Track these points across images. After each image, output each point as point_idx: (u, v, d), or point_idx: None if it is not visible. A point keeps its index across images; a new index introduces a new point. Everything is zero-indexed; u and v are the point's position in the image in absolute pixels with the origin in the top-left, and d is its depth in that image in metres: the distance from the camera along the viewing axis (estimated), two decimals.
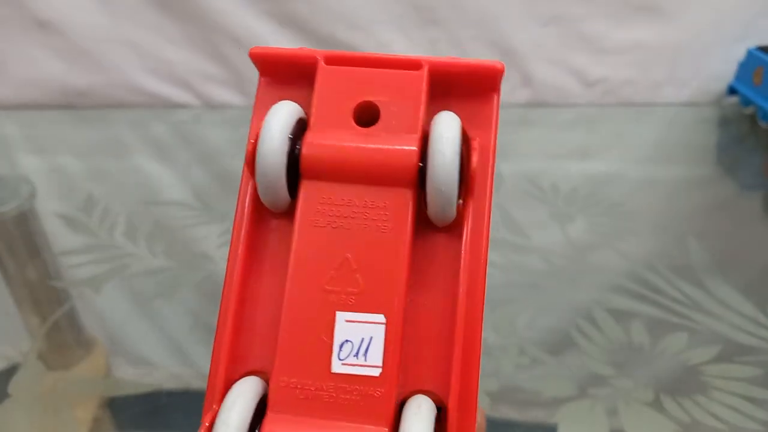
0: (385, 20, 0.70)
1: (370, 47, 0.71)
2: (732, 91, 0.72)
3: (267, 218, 0.18)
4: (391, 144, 0.17)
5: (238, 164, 0.18)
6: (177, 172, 0.63)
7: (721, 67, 0.72)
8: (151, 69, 0.72)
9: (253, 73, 0.19)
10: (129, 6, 0.68)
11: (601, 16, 0.71)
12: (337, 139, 0.17)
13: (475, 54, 0.72)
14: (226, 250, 0.18)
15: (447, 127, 0.16)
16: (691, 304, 0.40)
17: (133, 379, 0.37)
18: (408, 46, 0.72)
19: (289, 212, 0.17)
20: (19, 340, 0.40)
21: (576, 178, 0.59)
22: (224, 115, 0.73)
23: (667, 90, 0.74)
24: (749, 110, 0.70)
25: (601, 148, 0.69)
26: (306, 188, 0.17)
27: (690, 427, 0.32)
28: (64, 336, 0.41)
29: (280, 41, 0.69)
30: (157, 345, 0.40)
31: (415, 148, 0.17)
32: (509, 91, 0.74)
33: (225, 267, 0.18)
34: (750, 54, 0.69)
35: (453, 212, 0.17)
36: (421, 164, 0.17)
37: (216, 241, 0.48)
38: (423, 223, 0.17)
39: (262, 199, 0.17)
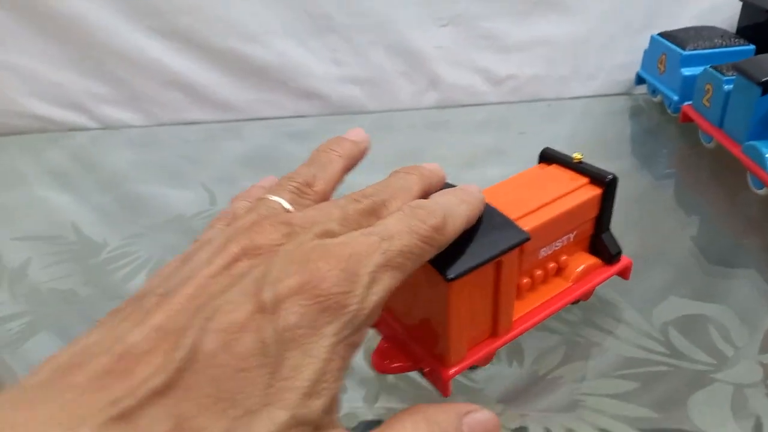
0: (279, 30, 0.68)
1: (271, 58, 0.70)
2: (640, 80, 0.70)
3: None
4: None
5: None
6: (80, 198, 0.60)
7: (628, 56, 0.71)
8: (39, 93, 0.69)
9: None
10: (6, 30, 0.66)
11: (501, 14, 0.70)
12: None
13: (377, 59, 0.70)
14: None
15: None
16: None
17: None
18: (307, 55, 0.70)
19: None
20: None
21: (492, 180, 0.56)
22: (124, 136, 0.70)
23: (574, 84, 0.73)
24: (658, 98, 0.68)
25: (513, 146, 0.67)
26: None
27: None
28: None
29: (173, 57, 0.66)
30: None
31: None
32: (417, 93, 0.73)
33: None
34: (653, 41, 0.67)
35: None
36: None
37: None
38: None
39: None
